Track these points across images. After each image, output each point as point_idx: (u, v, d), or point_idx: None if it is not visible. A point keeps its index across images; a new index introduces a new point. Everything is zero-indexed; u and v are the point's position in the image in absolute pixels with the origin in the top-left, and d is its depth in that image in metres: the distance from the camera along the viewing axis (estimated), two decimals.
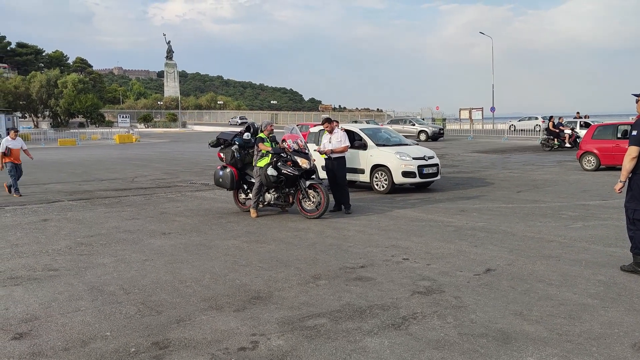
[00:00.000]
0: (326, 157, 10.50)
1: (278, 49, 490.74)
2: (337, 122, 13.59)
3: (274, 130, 10.41)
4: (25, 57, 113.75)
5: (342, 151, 10.41)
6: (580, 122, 29.85)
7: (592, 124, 24.03)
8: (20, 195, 13.14)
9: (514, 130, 42.77)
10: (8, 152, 13.45)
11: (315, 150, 11.31)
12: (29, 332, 4.59)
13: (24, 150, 13.95)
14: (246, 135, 10.43)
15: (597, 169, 16.95)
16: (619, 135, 17.16)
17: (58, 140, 44.94)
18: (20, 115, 75.39)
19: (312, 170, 9.89)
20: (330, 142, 10.47)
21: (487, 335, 4.36)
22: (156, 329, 4.62)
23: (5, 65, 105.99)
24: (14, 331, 4.61)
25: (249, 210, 10.14)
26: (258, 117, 77.95)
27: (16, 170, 13.46)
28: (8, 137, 13.67)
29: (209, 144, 11.08)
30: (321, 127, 15.28)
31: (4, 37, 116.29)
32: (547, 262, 6.53)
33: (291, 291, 5.58)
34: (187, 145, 38.28)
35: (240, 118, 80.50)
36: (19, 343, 4.37)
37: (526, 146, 30.67)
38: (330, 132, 10.56)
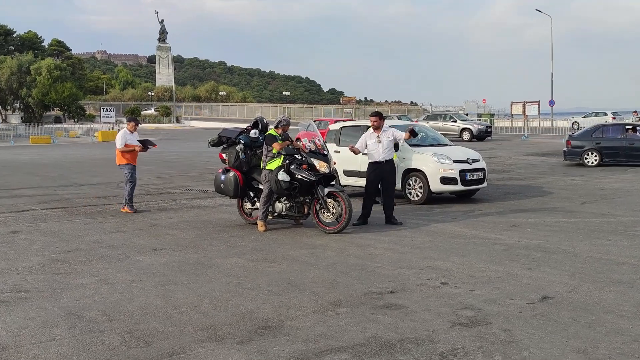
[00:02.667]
0: (375, 160, 10.59)
1: (292, 31, 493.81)
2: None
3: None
4: None
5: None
6: None
7: None
8: (135, 212, 12.01)
9: (578, 129, 42.45)
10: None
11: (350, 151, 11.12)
12: None
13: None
14: (253, 133, 10.46)
15: None
16: None
17: (30, 138, 45.53)
18: None
19: (332, 175, 9.92)
20: (380, 142, 10.55)
21: None
22: None
23: None
24: None
25: (255, 223, 10.20)
26: (268, 111, 78.36)
27: (132, 176, 12.28)
28: (126, 129, 12.48)
29: (209, 143, 11.17)
30: (344, 124, 15.37)
31: None
32: (617, 289, 6.48)
33: (306, 320, 5.60)
34: (183, 145, 38.65)
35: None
36: None
37: None
38: (378, 129, 10.64)
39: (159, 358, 4.76)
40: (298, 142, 9.99)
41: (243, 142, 10.45)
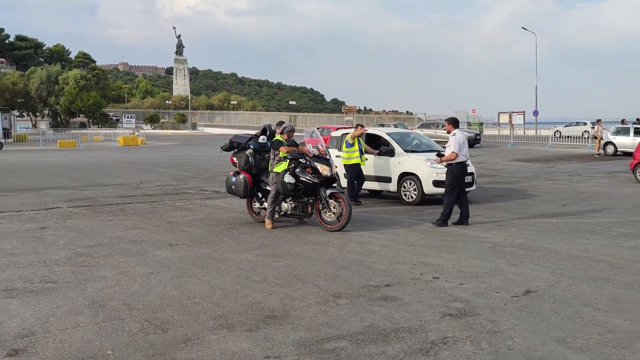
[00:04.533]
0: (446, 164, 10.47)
1: (298, 45, 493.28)
2: (362, 125, 13.65)
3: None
4: (24, 52, 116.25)
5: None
6: (634, 128, 29.52)
7: None
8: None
9: (560, 137, 42.41)
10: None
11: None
12: (25, 348, 4.70)
13: None
14: (262, 139, 10.51)
15: None
16: None
17: (57, 142, 45.67)
18: (17, 114, 76.91)
19: (334, 178, 9.94)
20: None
21: None
22: (161, 348, 4.69)
23: (3, 60, 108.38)
24: (9, 347, 4.72)
25: (263, 221, 10.21)
26: (275, 119, 78.31)
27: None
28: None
29: (222, 148, 11.20)
30: (345, 132, 15.36)
31: (2, 30, 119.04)
32: (595, 284, 6.48)
33: (309, 310, 5.62)
34: (197, 149, 38.66)
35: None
36: None
37: (573, 155, 30.38)
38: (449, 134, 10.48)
39: (175, 344, 4.78)
40: (303, 147, 10.01)
41: (252, 147, 10.48)
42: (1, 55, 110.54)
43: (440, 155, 10.64)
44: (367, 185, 13.62)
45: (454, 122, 10.77)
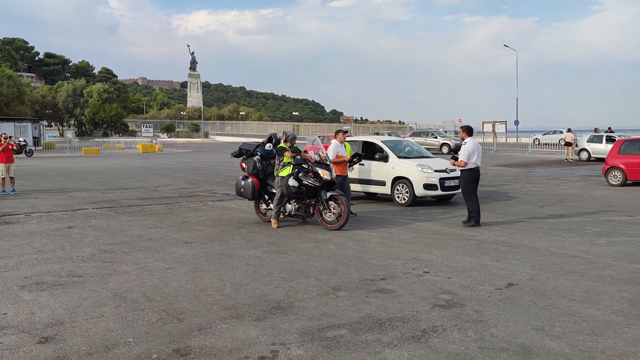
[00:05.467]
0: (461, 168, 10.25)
1: (300, 60, 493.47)
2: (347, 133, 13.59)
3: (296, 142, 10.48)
4: (52, 67, 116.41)
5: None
6: (606, 136, 29.53)
7: (617, 138, 23.76)
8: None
9: (538, 144, 42.40)
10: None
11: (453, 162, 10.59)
12: (54, 336, 4.71)
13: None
14: (268, 146, 10.54)
15: (624, 184, 16.71)
16: None
17: (82, 149, 45.69)
18: (46, 124, 77.03)
19: (333, 181, 9.96)
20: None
21: (508, 349, 4.35)
22: (178, 336, 4.70)
23: (34, 74, 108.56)
24: (39, 335, 4.74)
25: (269, 221, 10.22)
26: (280, 129, 78.32)
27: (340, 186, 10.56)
28: (336, 140, 11.35)
29: (232, 154, 11.21)
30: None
31: (32, 48, 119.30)
32: (570, 277, 6.49)
33: (311, 302, 5.62)
34: (210, 156, 38.66)
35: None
36: (45, 347, 4.48)
37: (550, 160, 30.35)
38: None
39: (190, 332, 4.79)
40: (305, 154, 10.02)
41: (260, 153, 10.50)
42: (31, 70, 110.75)
43: (454, 158, 10.41)
44: (365, 188, 13.64)
45: (468, 130, 10.54)
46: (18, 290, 6.12)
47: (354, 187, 13.45)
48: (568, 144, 30.67)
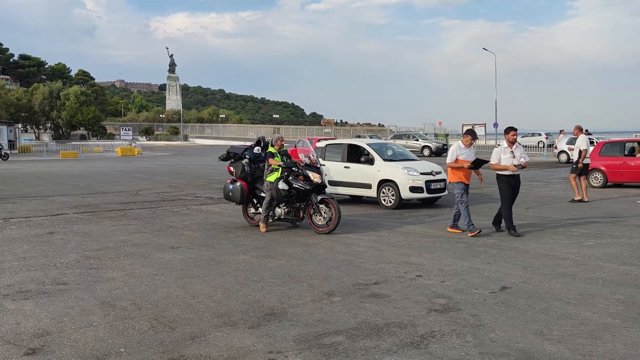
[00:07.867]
0: (509, 173, 9.69)
1: (280, 64, 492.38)
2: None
3: (284, 145, 10.38)
4: (27, 69, 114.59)
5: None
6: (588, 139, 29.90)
7: (596, 140, 24.07)
8: (478, 232, 9.31)
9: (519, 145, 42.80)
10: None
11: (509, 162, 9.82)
12: (42, 347, 4.53)
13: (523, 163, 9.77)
14: (257, 149, 10.40)
15: (605, 186, 16.91)
16: (626, 152, 17.17)
17: (60, 153, 44.94)
18: (22, 127, 75.61)
19: (324, 184, 9.86)
20: (514, 157, 9.68)
21: (509, 355, 4.30)
22: (171, 345, 4.56)
23: (8, 77, 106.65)
24: (26, 346, 4.55)
25: (257, 225, 10.07)
26: (260, 131, 78.09)
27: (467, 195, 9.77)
28: (460, 142, 10.11)
29: (219, 158, 11.02)
30: (328, 142, 15.29)
31: (6, 49, 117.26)
32: (563, 280, 6.48)
33: (305, 308, 5.52)
34: (190, 159, 38.26)
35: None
36: (32, 359, 4.31)
37: (530, 162, 30.56)
38: (512, 144, 9.76)
39: (183, 341, 4.65)
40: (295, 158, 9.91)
41: (248, 157, 10.36)
42: (6, 72, 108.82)
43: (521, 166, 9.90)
44: (350, 191, 13.57)
45: (472, 134, 10.23)
46: (1, 299, 5.90)
47: (340, 190, 13.39)
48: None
